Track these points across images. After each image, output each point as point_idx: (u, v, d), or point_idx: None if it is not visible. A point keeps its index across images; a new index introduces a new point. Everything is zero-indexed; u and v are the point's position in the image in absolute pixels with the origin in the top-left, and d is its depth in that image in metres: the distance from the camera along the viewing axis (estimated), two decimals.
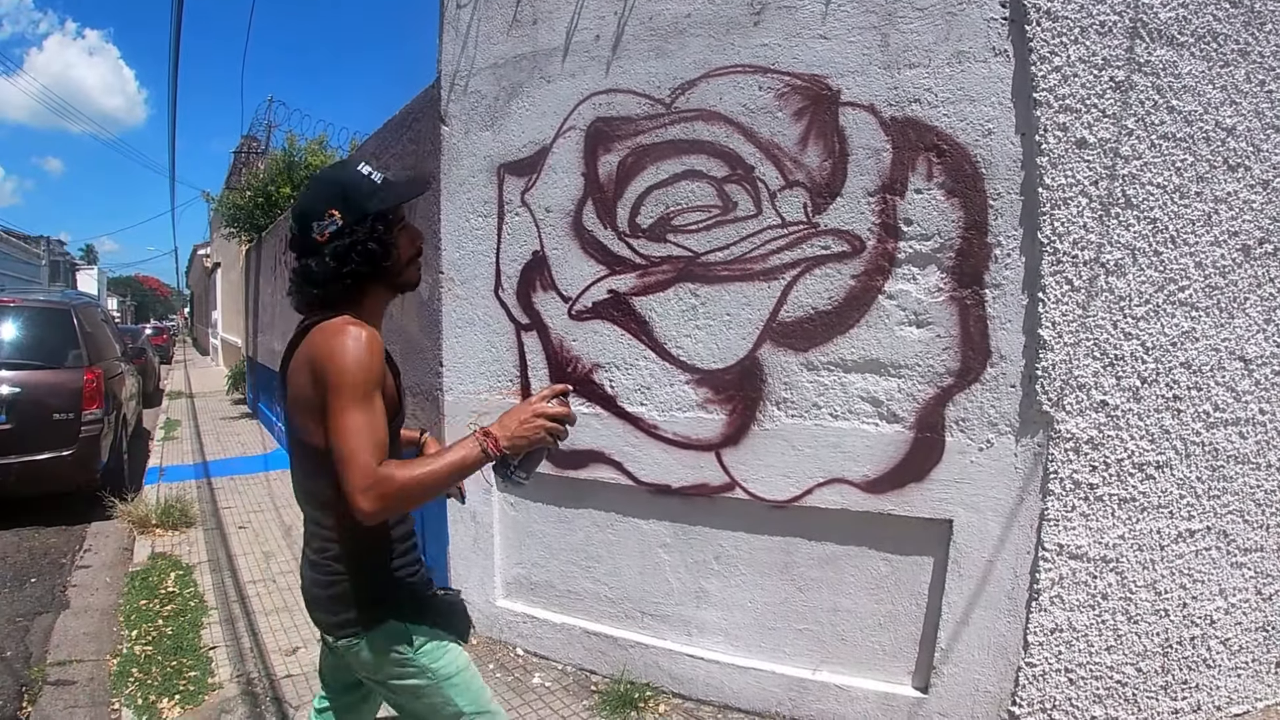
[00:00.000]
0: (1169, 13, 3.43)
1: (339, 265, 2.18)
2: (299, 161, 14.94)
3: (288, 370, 2.25)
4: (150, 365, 20.41)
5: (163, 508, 7.76)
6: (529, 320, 4.61)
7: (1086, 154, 3.38)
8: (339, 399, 2.03)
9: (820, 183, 3.73)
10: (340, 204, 2.19)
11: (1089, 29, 3.35)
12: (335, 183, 2.26)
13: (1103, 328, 3.45)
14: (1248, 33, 3.60)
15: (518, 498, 4.81)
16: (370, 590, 2.30)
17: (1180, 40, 3.47)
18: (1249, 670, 3.99)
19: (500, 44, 4.63)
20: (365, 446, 2.00)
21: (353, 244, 2.18)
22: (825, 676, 4.00)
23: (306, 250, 2.24)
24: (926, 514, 3.66)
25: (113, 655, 5.00)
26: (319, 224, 2.18)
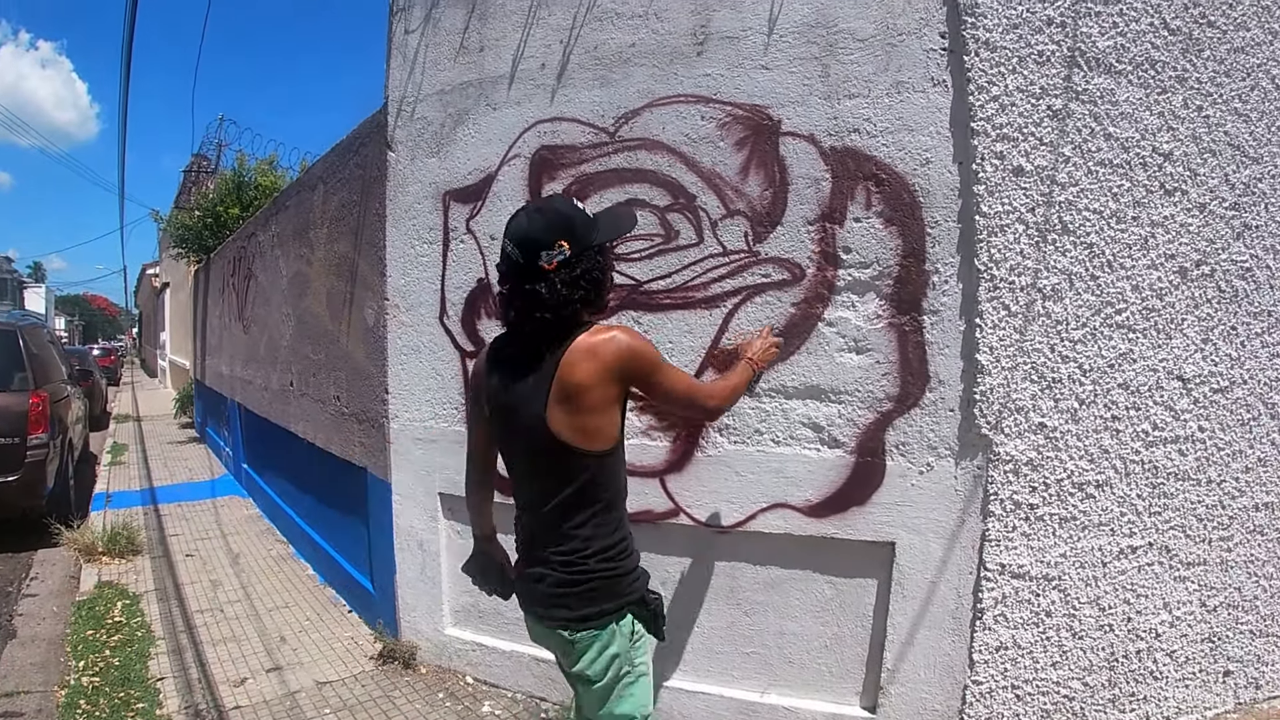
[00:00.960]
0: (1107, 41, 3.57)
1: (570, 292, 2.46)
2: (248, 182, 14.92)
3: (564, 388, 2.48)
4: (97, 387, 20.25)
5: (109, 535, 7.70)
6: (474, 347, 4.63)
7: (1023, 181, 3.50)
8: (658, 371, 2.62)
9: (761, 211, 3.82)
10: (568, 236, 2.48)
11: (1027, 59, 3.48)
12: (563, 216, 2.54)
13: (1040, 351, 3.58)
14: (1185, 60, 3.75)
15: (463, 525, 4.80)
16: (619, 584, 2.64)
17: (1118, 68, 3.61)
18: (1196, 680, 4.12)
19: (447, 70, 4.69)
20: (693, 383, 2.95)
21: (582, 273, 2.49)
22: (774, 699, 4.07)
23: (531, 277, 2.47)
24: (869, 537, 3.74)
25: (60, 686, 4.99)
26: (548, 253, 2.45)
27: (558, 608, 2.62)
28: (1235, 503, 4.11)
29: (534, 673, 4.66)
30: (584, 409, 2.48)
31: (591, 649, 2.60)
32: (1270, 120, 4.02)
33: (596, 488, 2.59)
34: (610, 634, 2.59)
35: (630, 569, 2.68)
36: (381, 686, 4.90)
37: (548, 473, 2.60)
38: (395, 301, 5.00)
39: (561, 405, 2.48)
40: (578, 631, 2.60)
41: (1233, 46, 3.89)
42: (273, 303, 8.52)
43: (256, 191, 14.61)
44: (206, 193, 16.05)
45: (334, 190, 6.21)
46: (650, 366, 2.57)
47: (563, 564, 2.60)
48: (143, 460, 13.28)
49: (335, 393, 6.24)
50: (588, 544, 2.58)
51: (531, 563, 2.72)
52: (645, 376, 2.58)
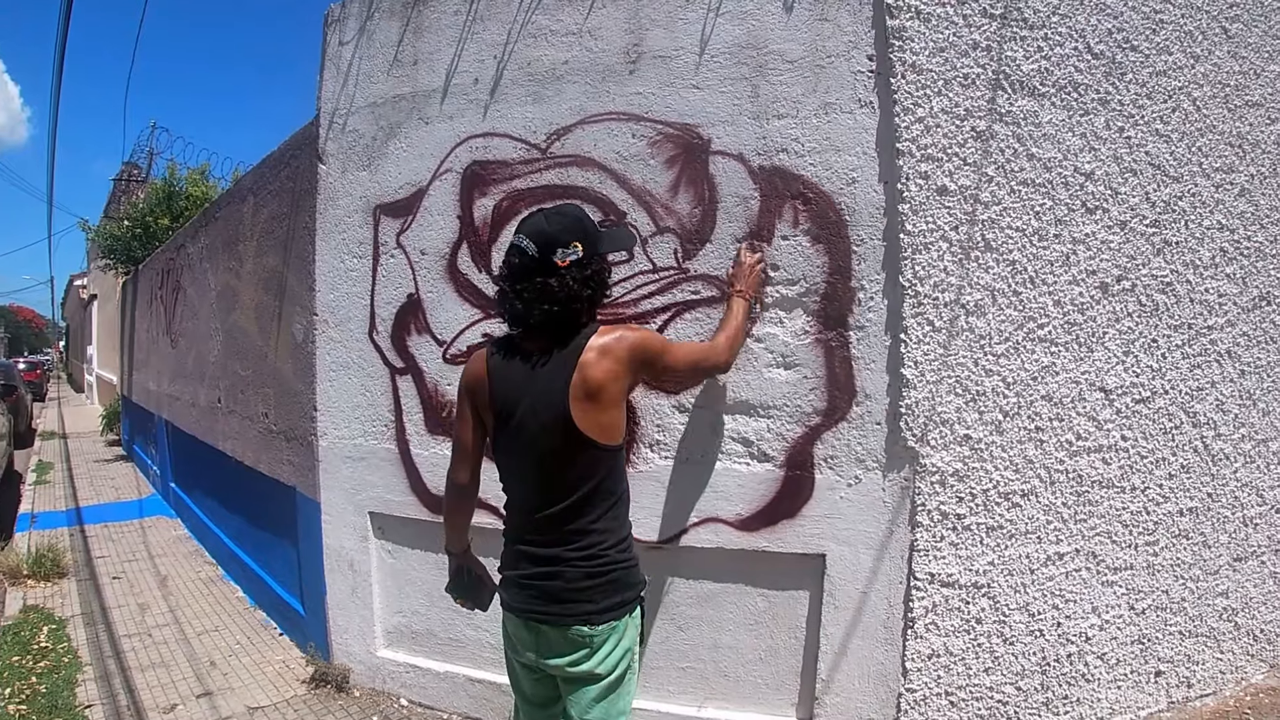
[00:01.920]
0: (1031, 65, 3.74)
1: (580, 289, 2.71)
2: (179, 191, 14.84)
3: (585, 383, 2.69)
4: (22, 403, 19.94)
5: (34, 557, 7.65)
6: (404, 364, 4.68)
7: (947, 200, 3.65)
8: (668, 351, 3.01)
9: (691, 229, 3.92)
10: (582, 238, 2.75)
11: (952, 81, 3.64)
12: (578, 220, 2.83)
13: (964, 365, 3.73)
14: (1108, 82, 3.93)
15: (394, 545, 4.87)
16: (633, 576, 2.85)
17: (1042, 91, 3.77)
18: (1128, 681, 4.28)
19: (381, 83, 4.74)
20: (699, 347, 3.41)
21: (592, 274, 2.76)
22: (710, 713, 4.15)
23: (544, 271, 2.70)
24: (800, 549, 3.85)
25: None
26: (563, 251, 2.70)
27: (578, 603, 2.72)
28: (1160, 509, 4.28)
29: (469, 693, 4.68)
30: (603, 404, 2.68)
31: (609, 641, 2.74)
32: (1190, 140, 4.20)
33: (613, 481, 2.80)
34: (625, 625, 2.76)
35: (636, 559, 2.90)
36: (314, 711, 4.91)
37: (567, 469, 2.73)
38: (324, 317, 5.03)
39: (582, 402, 2.66)
40: (599, 624, 2.72)
41: (1155, 70, 4.07)
42: (201, 316, 8.49)
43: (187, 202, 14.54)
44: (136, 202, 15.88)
45: (264, 202, 6.23)
46: (659, 349, 2.92)
47: (583, 558, 2.73)
48: (69, 479, 13.11)
49: (264, 410, 6.24)
50: (605, 536, 2.76)
51: (537, 563, 2.81)
52: (657, 360, 2.91)
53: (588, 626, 2.71)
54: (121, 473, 13.84)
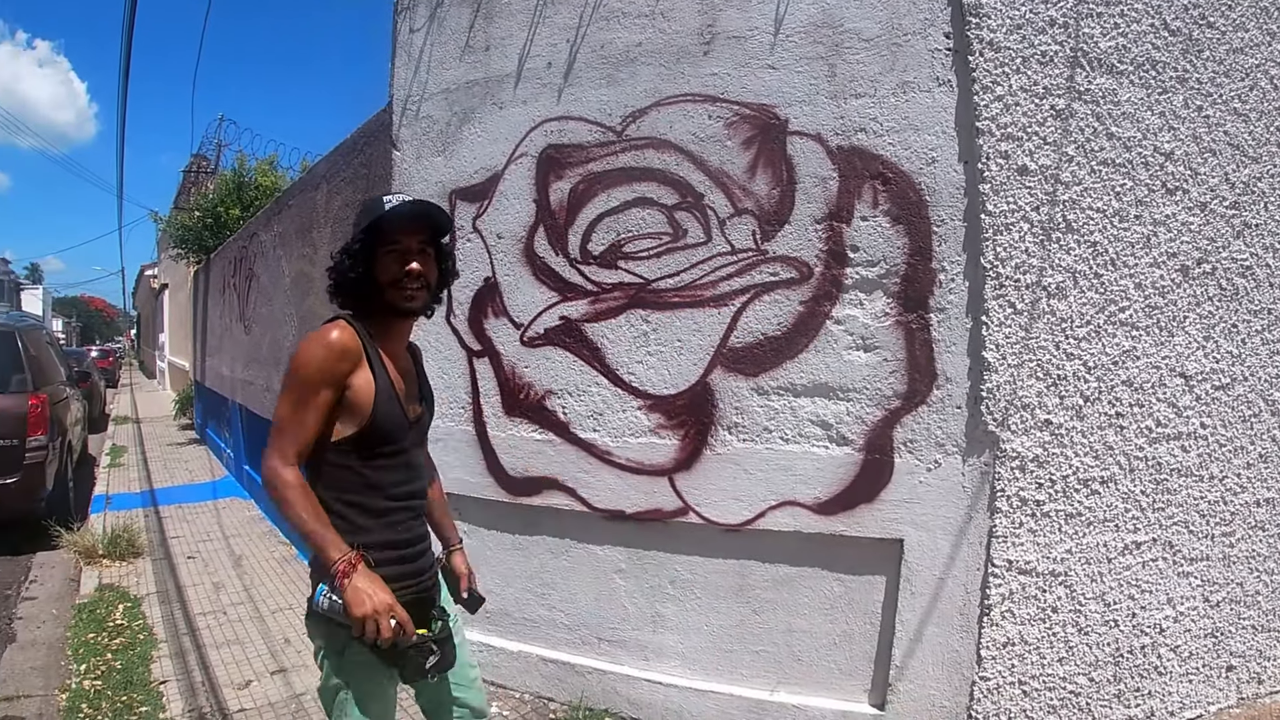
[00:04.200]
0: (1109, 42, 3.58)
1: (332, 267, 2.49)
2: (249, 182, 14.87)
3: None
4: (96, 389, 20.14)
5: (110, 537, 7.64)
6: (481, 347, 4.64)
7: (1028, 180, 3.51)
8: (284, 384, 2.35)
9: (769, 210, 3.83)
10: (358, 217, 2.52)
11: (1030, 59, 3.50)
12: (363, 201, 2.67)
13: (1045, 349, 3.58)
14: (1185, 60, 3.77)
15: (470, 525, 4.76)
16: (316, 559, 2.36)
17: (1120, 69, 3.62)
18: (1200, 675, 4.12)
19: (453, 69, 4.68)
20: (282, 429, 2.32)
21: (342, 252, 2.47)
22: (783, 697, 4.05)
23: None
24: (877, 534, 3.74)
25: (61, 690, 4.93)
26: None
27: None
28: (1237, 499, 4.12)
29: (541, 673, 4.63)
30: None
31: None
32: (1269, 120, 4.04)
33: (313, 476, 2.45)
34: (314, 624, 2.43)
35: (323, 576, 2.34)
36: None
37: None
38: None
39: None
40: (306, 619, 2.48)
41: (1231, 47, 3.91)
42: (275, 302, 8.49)
43: (257, 192, 14.56)
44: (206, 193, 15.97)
45: (338, 190, 6.21)
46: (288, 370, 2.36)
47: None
48: (142, 462, 13.20)
49: None
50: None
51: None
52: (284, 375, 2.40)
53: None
54: (194, 456, 13.91)
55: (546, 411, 4.45)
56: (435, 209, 2.58)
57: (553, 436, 4.43)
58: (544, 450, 4.45)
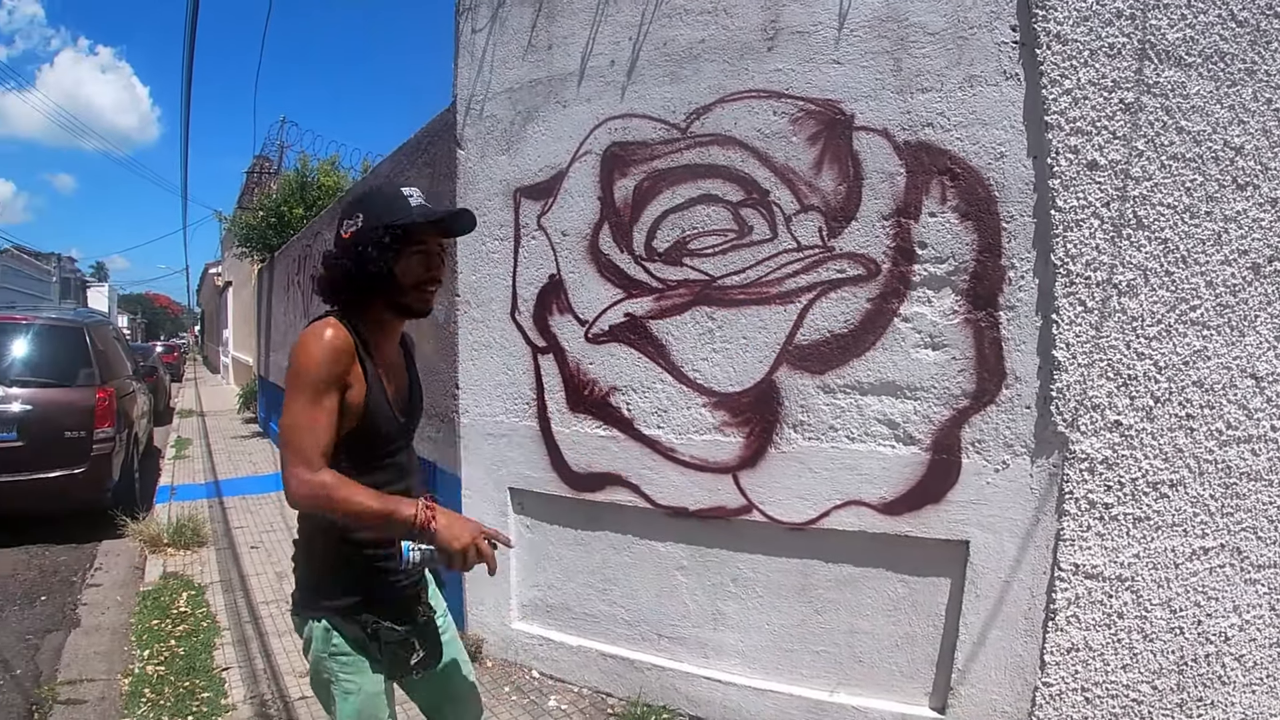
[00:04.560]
0: (1176, 34, 3.47)
1: (343, 259, 2.34)
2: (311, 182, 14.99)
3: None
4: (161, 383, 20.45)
5: (174, 527, 7.75)
6: (545, 343, 4.64)
7: (1098, 176, 3.42)
8: (289, 385, 2.24)
9: (835, 206, 3.78)
10: (366, 209, 2.34)
11: (1098, 52, 3.40)
12: (375, 191, 2.47)
13: (1116, 348, 3.49)
14: (1254, 51, 3.64)
15: (533, 520, 4.83)
16: (322, 582, 2.44)
17: (1188, 61, 3.51)
18: (1264, 686, 3.99)
19: (516, 69, 4.68)
20: (298, 437, 2.20)
21: (355, 245, 2.31)
22: (843, 698, 4.00)
23: (335, 243, 2.40)
24: (943, 535, 3.68)
25: (124, 675, 5.00)
26: (347, 223, 2.36)
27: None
28: None
29: (601, 668, 4.63)
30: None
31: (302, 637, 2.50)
32: None
33: None
34: (308, 629, 2.45)
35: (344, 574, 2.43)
36: None
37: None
38: (466, 298, 5.00)
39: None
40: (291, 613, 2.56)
41: None
42: None
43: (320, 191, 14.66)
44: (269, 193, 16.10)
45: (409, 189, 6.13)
46: (293, 369, 2.26)
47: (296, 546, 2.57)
48: (206, 454, 13.36)
49: None
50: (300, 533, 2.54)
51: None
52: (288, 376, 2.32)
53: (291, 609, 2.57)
54: (258, 448, 14.02)
55: (610, 408, 4.44)
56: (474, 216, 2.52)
57: (617, 433, 4.41)
58: (608, 446, 4.44)
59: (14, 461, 7.79)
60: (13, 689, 4.89)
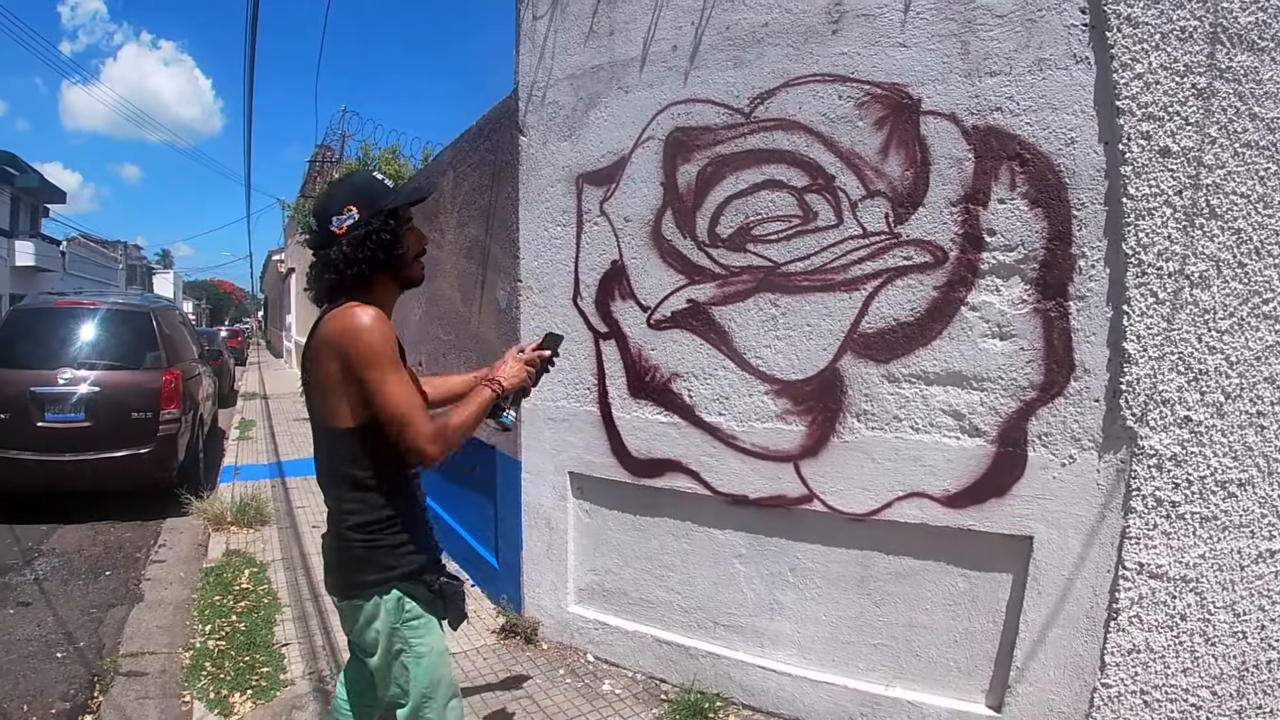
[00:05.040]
0: (1249, 17, 3.31)
1: (355, 252, 2.47)
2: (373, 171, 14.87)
3: (307, 359, 2.54)
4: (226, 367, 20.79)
5: (238, 505, 7.87)
6: (607, 329, 4.61)
7: (1170, 163, 3.28)
8: (377, 371, 2.38)
9: (902, 192, 3.69)
10: (356, 200, 2.51)
11: (1169, 35, 3.26)
12: (353, 185, 2.60)
13: (1187, 341, 3.35)
14: None
15: (592, 505, 4.81)
16: (381, 559, 2.56)
17: (1261, 45, 3.35)
18: None
19: (577, 55, 4.65)
20: (416, 406, 2.43)
21: (367, 234, 2.48)
22: (898, 693, 3.94)
23: (325, 243, 2.53)
24: (1007, 530, 3.58)
25: (185, 649, 5.07)
26: (338, 218, 2.50)
27: (332, 574, 2.67)
28: None
29: (655, 654, 4.61)
30: (317, 383, 2.50)
31: (360, 619, 2.59)
32: None
33: (346, 464, 2.55)
34: (375, 606, 2.56)
35: (395, 544, 2.60)
36: (503, 660, 4.88)
37: (317, 442, 2.64)
38: (528, 283, 4.98)
39: (310, 378, 2.53)
40: (347, 598, 2.61)
41: None
42: None
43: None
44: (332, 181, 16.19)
45: (464, 175, 6.23)
46: (365, 358, 2.37)
47: (334, 533, 2.62)
48: (270, 435, 13.54)
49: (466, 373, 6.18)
50: (349, 516, 2.57)
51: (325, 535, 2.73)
52: (358, 368, 2.38)
53: (339, 597, 2.66)
54: None
55: (672, 394, 4.39)
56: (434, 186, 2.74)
57: (677, 419, 4.37)
58: (668, 433, 4.40)
59: (82, 441, 7.99)
60: (76, 660, 4.98)
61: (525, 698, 4.44)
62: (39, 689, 4.61)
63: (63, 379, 8.11)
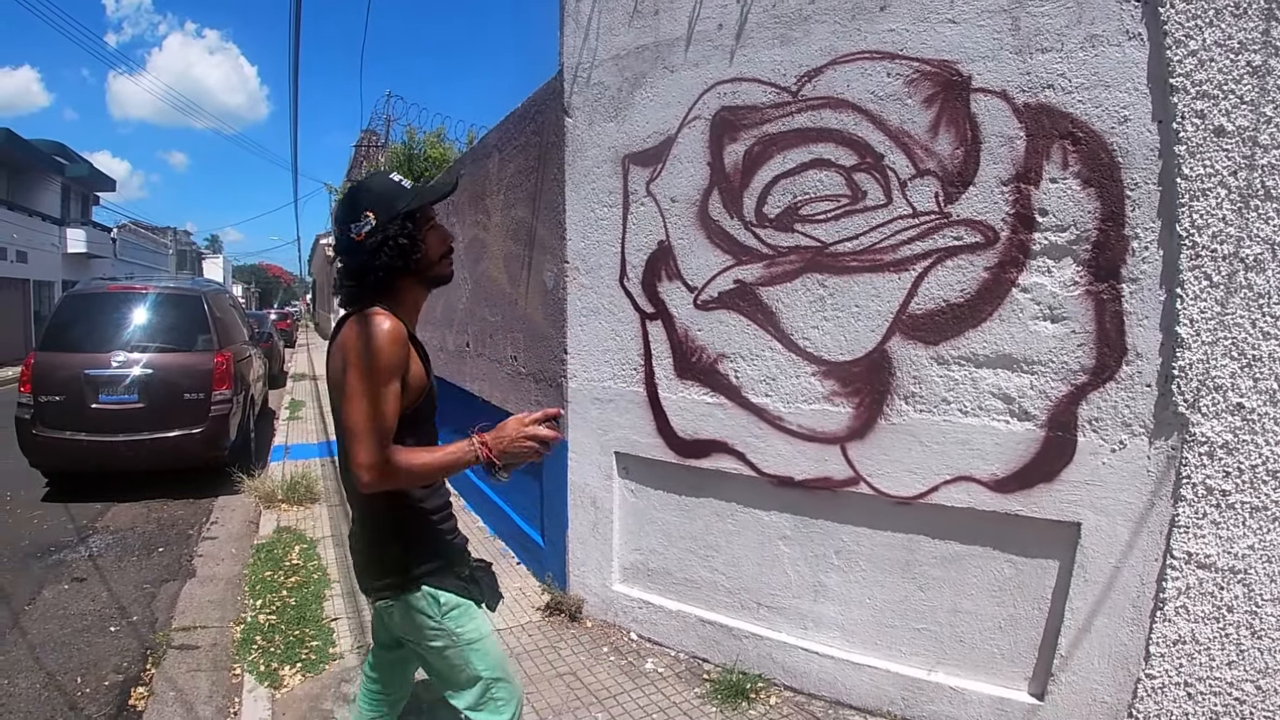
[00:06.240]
0: None
1: (372, 259, 2.44)
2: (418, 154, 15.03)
3: (328, 360, 2.53)
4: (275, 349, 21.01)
5: (288, 484, 7.96)
6: (653, 309, 4.57)
7: (1225, 143, 3.16)
8: (354, 379, 2.30)
9: (952, 171, 3.59)
10: (373, 206, 2.47)
11: (1224, 10, 3.13)
12: (369, 190, 2.55)
13: (1241, 326, 3.23)
14: None
15: (637, 485, 4.79)
16: (406, 557, 2.55)
17: None
18: None
19: (621, 35, 4.60)
20: (371, 426, 2.29)
21: (385, 240, 2.44)
22: (940, 678, 3.89)
23: (346, 250, 2.51)
24: (1054, 516, 3.50)
25: (236, 623, 5.14)
26: (355, 225, 2.46)
27: (362, 575, 2.67)
28: None
29: (699, 634, 4.59)
30: (335, 384, 2.44)
31: (398, 613, 2.59)
32: None
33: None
34: (404, 605, 2.56)
35: (421, 541, 2.60)
36: (547, 637, 4.89)
37: (340, 446, 2.53)
38: (575, 264, 4.96)
39: (331, 376, 2.49)
40: (381, 598, 2.62)
41: None
42: None
43: (427, 163, 14.72)
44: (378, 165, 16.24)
45: (510, 157, 6.20)
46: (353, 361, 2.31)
47: (360, 534, 2.66)
48: (319, 416, 13.69)
49: (512, 353, 6.24)
50: (373, 516, 2.59)
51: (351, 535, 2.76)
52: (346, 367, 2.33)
53: (371, 596, 2.67)
54: None
55: (718, 375, 4.34)
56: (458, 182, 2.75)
57: (724, 400, 4.32)
58: (714, 413, 4.35)
59: (136, 422, 8.15)
60: (129, 634, 5.05)
61: (569, 674, 4.43)
62: (93, 661, 4.67)
63: (116, 362, 8.25)
